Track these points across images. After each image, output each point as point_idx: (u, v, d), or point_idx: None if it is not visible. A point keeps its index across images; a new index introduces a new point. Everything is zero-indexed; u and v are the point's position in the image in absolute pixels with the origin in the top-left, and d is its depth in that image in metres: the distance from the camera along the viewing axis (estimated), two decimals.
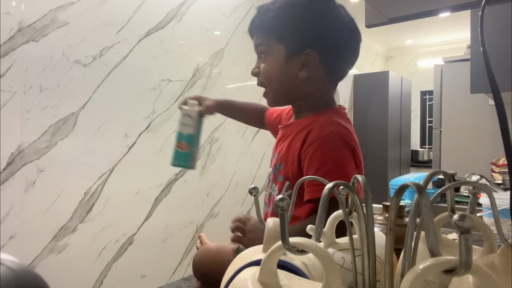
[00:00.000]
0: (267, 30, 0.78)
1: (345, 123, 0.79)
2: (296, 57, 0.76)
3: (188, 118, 0.94)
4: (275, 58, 0.79)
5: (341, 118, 0.79)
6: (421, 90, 5.36)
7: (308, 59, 0.76)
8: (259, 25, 0.80)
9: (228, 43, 2.70)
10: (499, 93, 0.40)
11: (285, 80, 0.79)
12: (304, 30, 0.75)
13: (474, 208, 0.44)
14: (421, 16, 0.75)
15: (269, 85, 0.83)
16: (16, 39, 1.61)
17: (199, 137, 0.96)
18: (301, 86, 0.79)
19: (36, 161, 1.67)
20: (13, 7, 1.60)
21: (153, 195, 2.22)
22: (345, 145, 0.73)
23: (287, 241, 0.30)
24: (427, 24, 4.37)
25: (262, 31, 0.79)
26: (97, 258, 1.92)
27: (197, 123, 0.95)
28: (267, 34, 0.78)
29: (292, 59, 0.77)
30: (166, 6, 2.25)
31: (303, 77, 0.77)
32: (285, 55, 0.77)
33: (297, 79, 0.77)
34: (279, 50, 0.77)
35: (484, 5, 0.44)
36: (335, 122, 0.76)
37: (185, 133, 0.93)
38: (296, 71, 0.77)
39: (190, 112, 0.94)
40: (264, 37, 0.79)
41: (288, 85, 0.80)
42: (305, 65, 0.76)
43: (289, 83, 0.79)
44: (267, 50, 0.80)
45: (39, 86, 1.68)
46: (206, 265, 0.77)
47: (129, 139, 2.07)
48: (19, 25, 1.62)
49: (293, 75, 0.77)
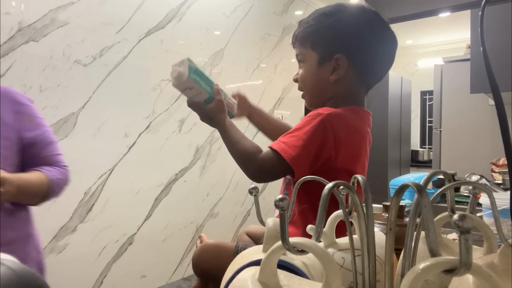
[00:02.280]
0: (303, 40, 0.87)
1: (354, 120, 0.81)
2: (327, 62, 0.83)
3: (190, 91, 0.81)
4: (310, 64, 0.86)
5: (353, 115, 0.81)
6: (421, 90, 5.37)
7: (338, 63, 0.82)
8: (297, 37, 0.88)
9: (228, 43, 2.70)
10: (499, 93, 0.40)
11: (317, 83, 0.86)
12: (333, 37, 0.83)
13: (474, 208, 0.44)
14: (421, 16, 0.75)
15: (305, 89, 0.90)
16: (16, 39, 1.61)
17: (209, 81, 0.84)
18: (332, 88, 0.85)
19: None
20: (13, 7, 1.60)
21: (153, 195, 2.22)
22: (323, 129, 0.75)
23: (287, 241, 0.30)
24: (427, 24, 4.37)
25: (299, 42, 0.88)
26: (97, 258, 1.92)
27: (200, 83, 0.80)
28: (303, 44, 0.87)
29: (324, 64, 0.84)
30: (166, 6, 2.25)
31: (334, 80, 0.83)
32: (317, 60, 0.84)
33: (328, 82, 0.84)
34: (313, 56, 0.85)
35: (484, 5, 0.44)
36: (336, 112, 0.78)
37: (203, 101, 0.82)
38: (327, 75, 0.84)
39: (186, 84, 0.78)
40: (301, 46, 0.87)
41: (320, 87, 0.86)
42: (336, 69, 0.83)
43: (321, 86, 0.86)
44: (303, 58, 0.88)
45: (39, 86, 1.68)
46: (205, 261, 0.78)
47: (129, 139, 2.07)
48: (19, 25, 1.62)
49: (325, 78, 0.84)
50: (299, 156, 0.73)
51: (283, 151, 0.74)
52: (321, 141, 0.75)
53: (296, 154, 0.73)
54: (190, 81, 0.78)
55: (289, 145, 0.75)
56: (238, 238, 1.07)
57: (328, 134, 0.75)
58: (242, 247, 0.78)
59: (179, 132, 2.36)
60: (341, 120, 0.77)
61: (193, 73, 0.79)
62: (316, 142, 0.75)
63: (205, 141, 2.53)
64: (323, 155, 0.75)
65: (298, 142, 0.74)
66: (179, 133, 2.35)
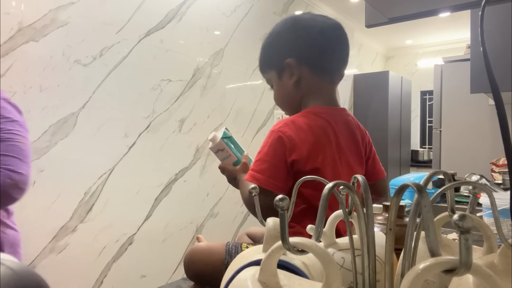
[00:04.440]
0: (263, 67, 0.94)
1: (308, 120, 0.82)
2: (283, 72, 0.88)
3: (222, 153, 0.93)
4: (275, 82, 0.91)
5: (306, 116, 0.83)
6: (421, 90, 5.36)
7: (289, 66, 0.86)
8: (259, 64, 0.96)
9: (228, 43, 2.70)
10: (499, 93, 0.40)
11: (285, 93, 0.90)
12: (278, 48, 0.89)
13: (474, 208, 0.44)
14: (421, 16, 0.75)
15: (282, 105, 0.95)
16: (16, 39, 1.61)
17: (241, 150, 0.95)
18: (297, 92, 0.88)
19: (36, 161, 1.67)
20: (13, 7, 1.60)
21: (153, 195, 2.22)
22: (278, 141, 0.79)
23: (287, 241, 0.30)
24: (427, 24, 4.37)
25: (262, 71, 0.95)
26: (97, 258, 1.92)
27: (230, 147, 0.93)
28: (264, 70, 0.94)
29: (282, 75, 0.88)
30: (166, 6, 2.25)
31: (293, 83, 0.87)
32: (277, 75, 0.90)
33: (292, 88, 0.88)
34: (273, 74, 0.90)
35: (484, 5, 0.44)
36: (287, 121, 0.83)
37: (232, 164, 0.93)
38: (288, 83, 0.88)
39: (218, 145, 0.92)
40: (264, 73, 0.94)
41: (288, 96, 0.90)
42: (290, 73, 0.87)
43: (288, 95, 0.90)
44: (269, 81, 0.93)
45: (39, 86, 1.69)
46: (196, 264, 0.78)
47: (129, 139, 2.07)
48: (19, 25, 1.62)
49: (288, 86, 0.88)
50: (270, 176, 0.77)
51: (255, 179, 0.77)
52: (282, 152, 0.78)
53: (266, 176, 0.77)
54: (222, 143, 0.91)
55: (257, 170, 0.78)
56: (238, 239, 1.07)
57: (285, 143, 0.78)
58: (233, 245, 0.78)
59: (179, 132, 2.36)
60: (290, 126, 0.80)
61: (226, 138, 0.93)
62: (278, 156, 0.78)
63: (205, 142, 2.53)
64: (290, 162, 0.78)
65: (263, 165, 0.78)
66: (179, 133, 2.35)
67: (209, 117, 2.56)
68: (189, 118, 2.41)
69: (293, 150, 0.78)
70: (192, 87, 2.42)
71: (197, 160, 2.48)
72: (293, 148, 0.78)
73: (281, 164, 0.78)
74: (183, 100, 2.37)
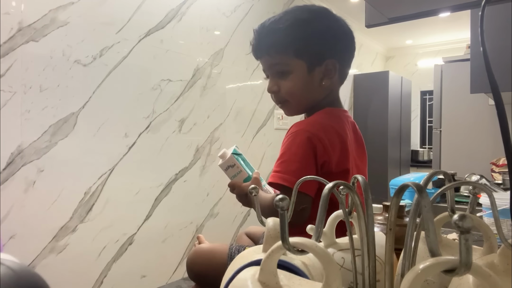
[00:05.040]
0: (283, 49, 0.81)
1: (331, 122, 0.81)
2: (317, 68, 0.82)
3: (232, 169, 0.90)
4: (297, 74, 0.82)
5: (328, 118, 0.82)
6: (421, 90, 5.36)
7: (329, 68, 0.82)
8: (272, 46, 0.83)
9: (228, 43, 2.70)
10: (499, 93, 0.40)
11: (308, 92, 0.84)
12: (321, 43, 0.81)
13: (474, 208, 0.44)
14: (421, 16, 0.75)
15: (292, 99, 0.86)
16: (16, 39, 1.61)
17: (251, 168, 0.93)
18: (320, 93, 0.84)
19: (36, 161, 1.67)
20: (13, 7, 1.60)
21: (153, 195, 2.22)
22: (308, 142, 0.75)
23: (287, 241, 0.30)
24: (427, 24, 4.37)
25: (277, 51, 0.82)
26: (97, 258, 1.92)
27: (240, 163, 0.91)
28: (284, 53, 0.82)
29: (313, 71, 0.82)
30: (166, 6, 2.25)
31: (326, 86, 0.83)
32: (307, 68, 0.82)
33: (319, 89, 0.83)
34: (300, 65, 0.81)
35: (484, 5, 0.44)
36: (311, 121, 0.80)
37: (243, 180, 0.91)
38: (317, 81, 0.82)
39: (229, 161, 0.89)
40: (281, 56, 0.82)
41: (309, 94, 0.84)
42: (326, 74, 0.82)
43: (312, 94, 0.84)
44: (286, 68, 0.83)
45: (39, 86, 1.68)
46: (198, 265, 0.78)
47: (129, 139, 2.07)
48: (19, 25, 1.62)
49: (315, 85, 0.83)
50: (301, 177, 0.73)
51: (285, 181, 0.73)
52: (313, 153, 0.75)
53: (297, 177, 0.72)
54: (232, 159, 0.89)
55: (286, 172, 0.74)
56: (237, 238, 1.07)
57: (315, 144, 0.75)
58: (236, 249, 0.78)
59: (179, 132, 2.36)
60: (317, 127, 0.78)
61: (237, 154, 0.90)
62: (309, 156, 0.75)
63: (205, 141, 2.53)
64: (319, 164, 0.76)
65: (292, 166, 0.74)
66: (179, 133, 2.35)
67: (209, 117, 2.56)
68: (189, 118, 2.41)
69: (324, 151, 0.75)
70: (192, 87, 2.42)
71: (197, 160, 2.48)
72: (324, 149, 0.75)
73: (312, 165, 0.75)
74: (183, 100, 2.37)
